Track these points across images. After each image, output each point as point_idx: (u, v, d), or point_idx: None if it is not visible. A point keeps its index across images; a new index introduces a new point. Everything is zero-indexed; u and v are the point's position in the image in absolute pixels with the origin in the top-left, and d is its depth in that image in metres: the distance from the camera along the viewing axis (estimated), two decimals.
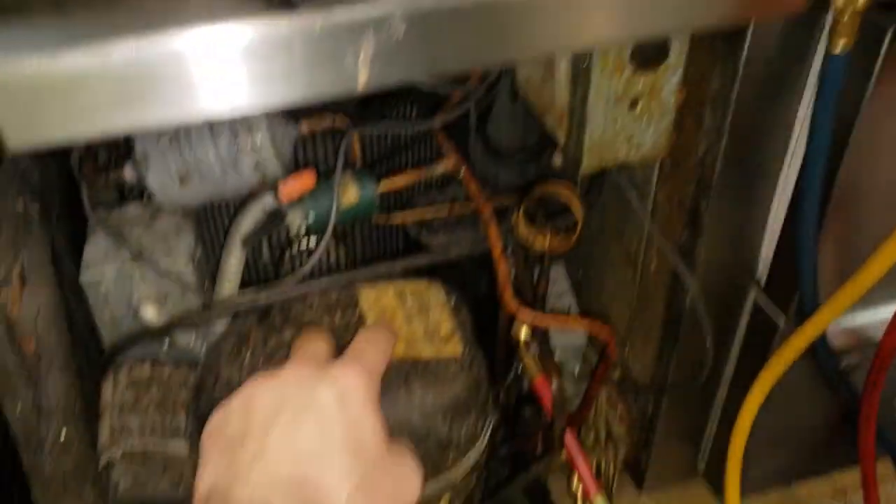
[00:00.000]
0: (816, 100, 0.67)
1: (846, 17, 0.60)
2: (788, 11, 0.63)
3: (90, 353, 0.94)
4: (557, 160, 1.19)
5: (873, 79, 0.67)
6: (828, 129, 0.67)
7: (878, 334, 0.87)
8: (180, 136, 0.80)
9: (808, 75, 0.73)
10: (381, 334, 0.66)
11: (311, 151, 0.93)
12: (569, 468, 1.04)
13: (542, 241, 0.87)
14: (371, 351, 0.62)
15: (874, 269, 0.74)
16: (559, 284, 1.24)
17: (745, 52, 0.72)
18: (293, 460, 0.51)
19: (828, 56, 0.63)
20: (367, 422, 0.55)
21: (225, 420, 0.56)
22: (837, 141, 0.73)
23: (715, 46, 0.76)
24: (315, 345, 0.63)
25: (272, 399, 0.55)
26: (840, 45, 0.62)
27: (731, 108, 0.77)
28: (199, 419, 0.77)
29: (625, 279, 1.11)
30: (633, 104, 0.84)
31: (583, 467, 0.89)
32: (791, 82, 0.75)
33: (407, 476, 0.57)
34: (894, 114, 0.71)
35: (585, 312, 1.24)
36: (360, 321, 0.82)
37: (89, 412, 0.82)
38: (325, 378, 0.56)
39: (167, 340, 0.90)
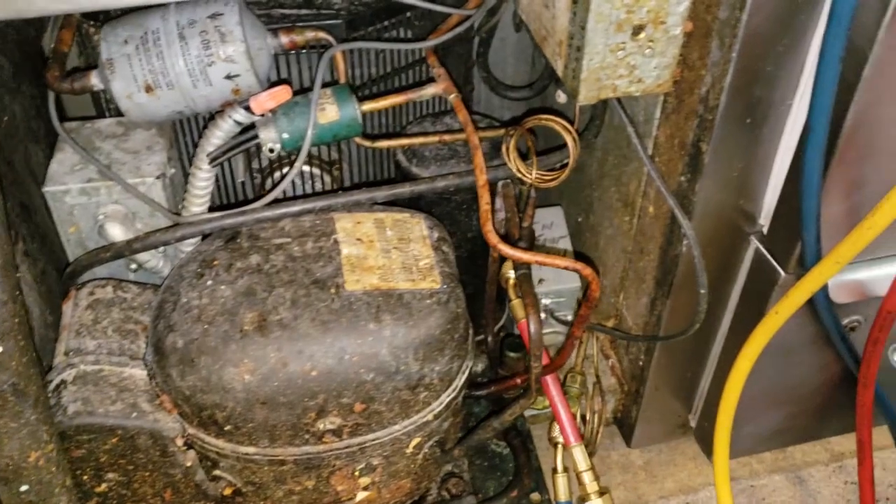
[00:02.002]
0: (828, 26, 0.61)
1: None
2: None
3: (51, 271, 0.90)
4: (560, 97, 1.13)
5: (890, 9, 0.61)
6: (837, 60, 0.62)
7: (884, 290, 0.82)
8: (148, 41, 0.75)
9: (822, 4, 0.67)
10: None
11: (293, 68, 0.88)
12: (551, 417, 1.01)
13: (530, 174, 0.82)
14: None
15: (880, 218, 0.68)
16: (557, 229, 1.19)
17: None
18: None
19: None
20: None
21: None
22: (849, 78, 0.67)
23: None
24: None
25: None
26: None
27: (738, 38, 0.72)
28: (156, 344, 0.73)
29: (622, 225, 1.06)
30: (637, 32, 0.78)
31: (563, 416, 0.85)
32: (805, 12, 0.69)
33: None
34: None
35: (583, 258, 1.20)
36: (335, 249, 0.77)
37: (43, 330, 0.79)
38: None
39: (135, 262, 0.87)
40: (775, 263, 0.87)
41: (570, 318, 1.18)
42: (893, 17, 0.62)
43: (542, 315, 1.13)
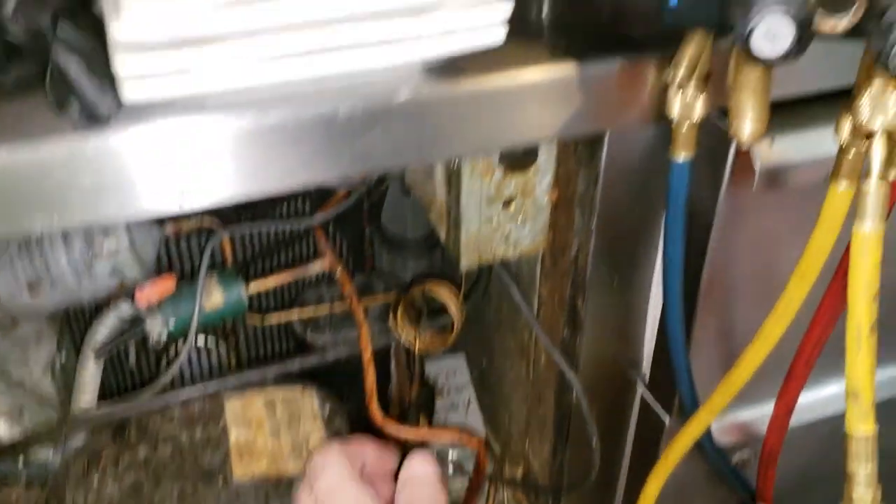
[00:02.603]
0: (666, 208, 0.66)
1: (685, 129, 0.60)
2: (632, 123, 0.63)
3: None
4: None
5: (723, 185, 0.67)
6: (680, 237, 0.67)
7: (765, 429, 0.86)
8: (31, 241, 0.76)
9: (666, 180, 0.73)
10: None
11: (178, 253, 0.90)
12: None
13: (416, 341, 0.85)
14: None
15: (742, 372, 0.72)
16: (459, 376, 1.21)
17: (603, 157, 0.72)
18: None
19: (671, 164, 0.63)
20: None
21: None
22: (697, 244, 0.72)
23: (578, 151, 0.76)
24: None
25: None
26: (682, 155, 0.61)
27: (596, 209, 0.77)
28: None
29: (520, 372, 1.08)
30: (507, 204, 0.83)
31: None
32: (652, 186, 0.74)
33: None
34: (750, 216, 0.71)
35: (488, 404, 1.22)
36: (224, 435, 0.78)
37: None
38: None
39: (22, 457, 0.85)
40: (660, 409, 0.91)
41: None
42: (727, 190, 0.68)
43: (450, 469, 1.13)
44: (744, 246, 0.74)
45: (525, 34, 0.59)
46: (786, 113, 0.66)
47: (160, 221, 0.83)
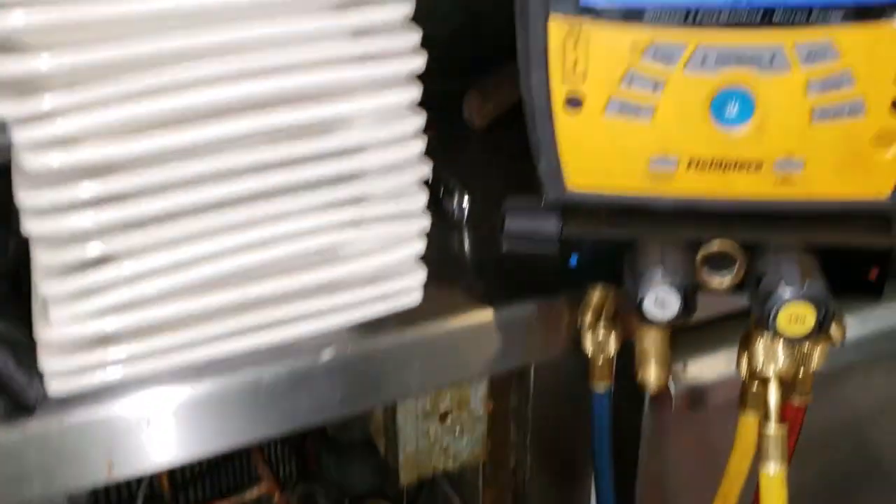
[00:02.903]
0: (592, 432, 0.68)
1: (600, 363, 0.63)
2: (553, 356, 0.66)
3: None
4: None
5: (645, 407, 0.69)
6: (607, 457, 0.68)
7: None
8: None
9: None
10: None
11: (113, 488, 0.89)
12: None
13: None
14: None
15: None
16: None
17: (532, 380, 0.75)
18: None
19: (592, 394, 0.65)
20: None
21: None
22: (628, 459, 0.74)
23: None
24: None
25: None
26: (601, 385, 0.64)
27: (529, 425, 0.78)
28: None
29: None
30: (444, 417, 0.84)
31: None
32: (582, 404, 0.77)
33: None
34: (675, 431, 0.73)
35: None
36: None
37: None
38: None
39: None
40: None
41: None
42: (649, 411, 0.71)
43: None
44: (673, 457, 0.76)
45: (443, 279, 0.62)
46: (697, 335, 0.70)
47: None
